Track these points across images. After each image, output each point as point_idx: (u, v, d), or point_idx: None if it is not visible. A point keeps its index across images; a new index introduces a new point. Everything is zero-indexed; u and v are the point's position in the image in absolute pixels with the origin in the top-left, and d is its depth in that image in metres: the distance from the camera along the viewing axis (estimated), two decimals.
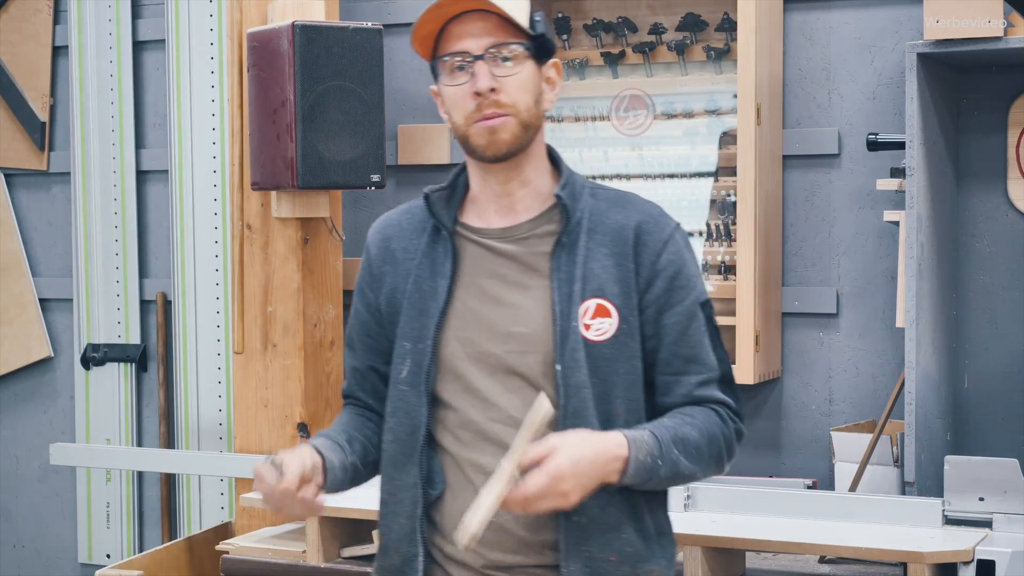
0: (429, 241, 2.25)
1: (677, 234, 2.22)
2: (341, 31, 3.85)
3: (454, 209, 2.25)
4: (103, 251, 4.76)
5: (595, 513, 2.13)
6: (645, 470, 2.08)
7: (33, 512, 5.03)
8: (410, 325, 2.21)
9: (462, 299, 2.20)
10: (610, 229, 2.19)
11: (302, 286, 4.07)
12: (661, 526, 2.23)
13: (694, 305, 2.20)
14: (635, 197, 2.27)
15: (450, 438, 2.19)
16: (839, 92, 3.87)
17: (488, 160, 2.18)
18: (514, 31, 2.16)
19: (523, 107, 2.16)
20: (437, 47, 2.18)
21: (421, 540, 2.18)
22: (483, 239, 2.22)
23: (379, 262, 2.29)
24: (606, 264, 2.17)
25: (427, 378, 2.19)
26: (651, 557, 2.19)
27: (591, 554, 2.14)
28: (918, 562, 3.04)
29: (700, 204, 3.92)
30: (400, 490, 2.21)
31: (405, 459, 2.20)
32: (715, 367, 2.21)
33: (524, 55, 2.16)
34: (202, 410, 4.53)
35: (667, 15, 3.98)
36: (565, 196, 2.19)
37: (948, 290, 3.66)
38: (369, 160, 3.90)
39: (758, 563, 3.43)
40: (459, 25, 2.15)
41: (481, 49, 2.14)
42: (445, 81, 2.18)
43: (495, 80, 2.13)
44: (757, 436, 3.96)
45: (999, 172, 3.70)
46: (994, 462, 3.20)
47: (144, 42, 4.75)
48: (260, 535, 3.89)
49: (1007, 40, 3.30)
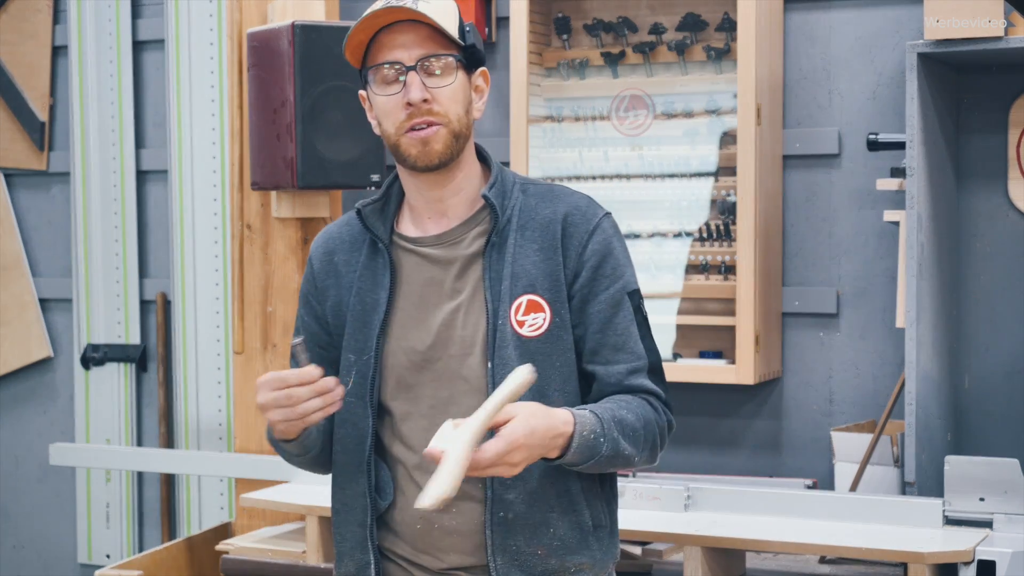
0: (368, 254, 2.27)
1: (605, 223, 2.24)
2: (341, 31, 3.85)
3: (389, 220, 2.28)
4: (103, 251, 4.76)
5: (521, 509, 2.16)
6: (587, 447, 2.07)
7: (33, 512, 5.03)
8: (354, 338, 2.24)
9: (403, 309, 2.23)
10: (539, 224, 2.22)
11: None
12: (599, 519, 2.24)
13: (620, 294, 2.22)
14: (564, 190, 2.28)
15: (400, 446, 2.22)
16: (839, 92, 3.87)
17: (420, 169, 2.20)
18: (445, 42, 2.18)
19: (454, 117, 2.18)
20: (368, 55, 2.21)
21: (372, 548, 2.22)
22: (418, 247, 2.24)
23: (323, 276, 2.31)
24: (536, 259, 2.20)
25: (372, 388, 2.22)
26: (582, 550, 2.21)
27: (518, 548, 2.17)
28: (918, 562, 3.04)
29: (700, 204, 3.92)
30: (351, 499, 2.24)
31: (354, 469, 2.23)
32: (643, 356, 2.22)
33: (455, 66, 2.19)
34: (202, 410, 4.53)
35: (667, 15, 3.98)
36: (492, 196, 2.21)
37: (948, 290, 3.66)
38: (369, 160, 3.90)
39: (758, 563, 3.43)
40: (390, 35, 2.17)
41: (413, 60, 2.16)
42: (376, 90, 2.20)
43: (427, 91, 2.16)
44: (757, 436, 3.96)
45: (999, 172, 3.69)
46: (994, 462, 3.20)
47: (144, 42, 4.75)
48: (260, 535, 3.89)
49: (1007, 40, 3.30)
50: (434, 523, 2.18)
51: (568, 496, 2.19)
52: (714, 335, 3.89)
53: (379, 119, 2.22)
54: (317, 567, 3.61)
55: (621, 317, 2.21)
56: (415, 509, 2.10)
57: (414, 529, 2.20)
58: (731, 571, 3.36)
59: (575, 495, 2.20)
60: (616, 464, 2.15)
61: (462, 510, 2.18)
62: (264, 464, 4.05)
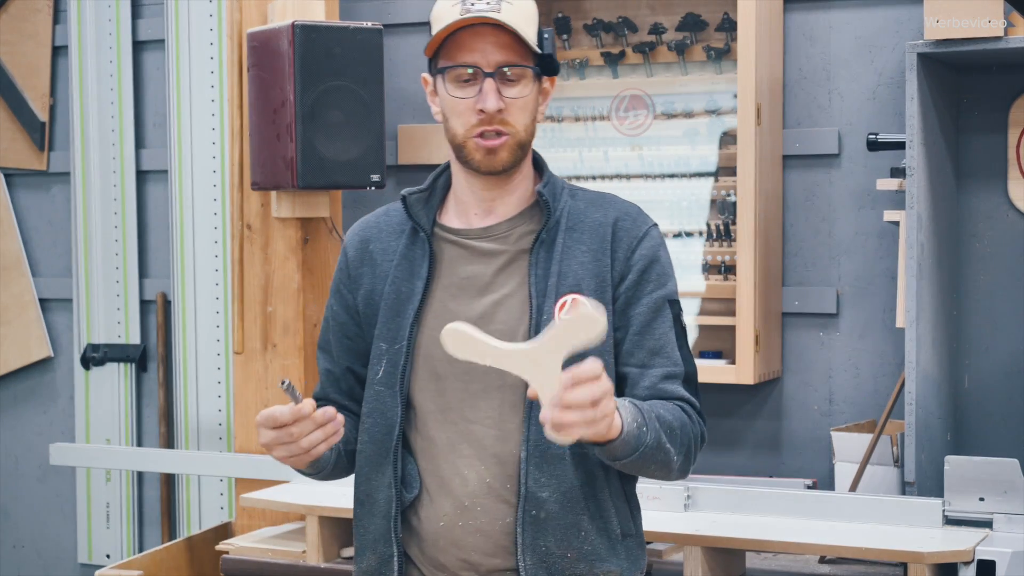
0: (407, 243, 2.26)
1: (654, 231, 2.26)
2: (341, 31, 3.85)
3: (432, 210, 2.27)
4: (103, 251, 4.76)
5: (553, 509, 2.14)
6: (633, 436, 2.03)
7: (33, 512, 5.03)
8: (387, 326, 2.22)
9: (439, 300, 2.21)
10: (588, 227, 2.22)
11: (302, 286, 4.07)
12: (627, 528, 2.22)
13: (662, 300, 2.21)
14: (614, 197, 2.30)
15: (426, 440, 2.20)
16: (839, 92, 3.87)
17: (483, 173, 2.20)
18: (523, 51, 2.17)
19: (523, 127, 2.19)
20: (443, 49, 2.18)
21: (396, 540, 2.20)
22: (462, 239, 2.23)
23: (357, 264, 2.30)
24: (584, 260, 2.19)
25: (402, 379, 2.20)
26: (611, 557, 2.18)
27: (548, 550, 2.14)
28: (918, 562, 3.04)
29: (700, 204, 3.92)
30: (376, 490, 2.22)
31: (380, 459, 2.21)
32: (680, 363, 2.21)
33: (531, 77, 2.18)
34: (202, 410, 4.53)
35: (667, 15, 3.98)
36: (547, 193, 2.22)
37: (948, 290, 3.66)
38: (369, 160, 3.90)
39: (758, 563, 3.43)
40: (472, 36, 2.15)
41: (492, 67, 2.15)
42: (450, 89, 2.18)
43: (502, 100, 2.15)
44: (757, 436, 3.96)
45: (999, 172, 3.69)
46: (994, 462, 3.20)
47: (144, 42, 4.75)
48: (260, 535, 3.89)
49: (1007, 40, 3.30)
50: (458, 520, 2.16)
51: (596, 502, 2.17)
52: (714, 335, 3.89)
53: (446, 115, 2.20)
54: (317, 567, 3.61)
55: (660, 322, 2.20)
56: (439, 505, 2.14)
57: (437, 526, 2.18)
58: (731, 571, 3.35)
59: (603, 501, 2.18)
60: (658, 459, 2.10)
61: (488, 509, 2.16)
62: (264, 464, 4.04)
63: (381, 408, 2.21)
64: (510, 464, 2.16)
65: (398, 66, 4.37)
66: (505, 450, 2.16)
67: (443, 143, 4.59)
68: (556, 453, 2.14)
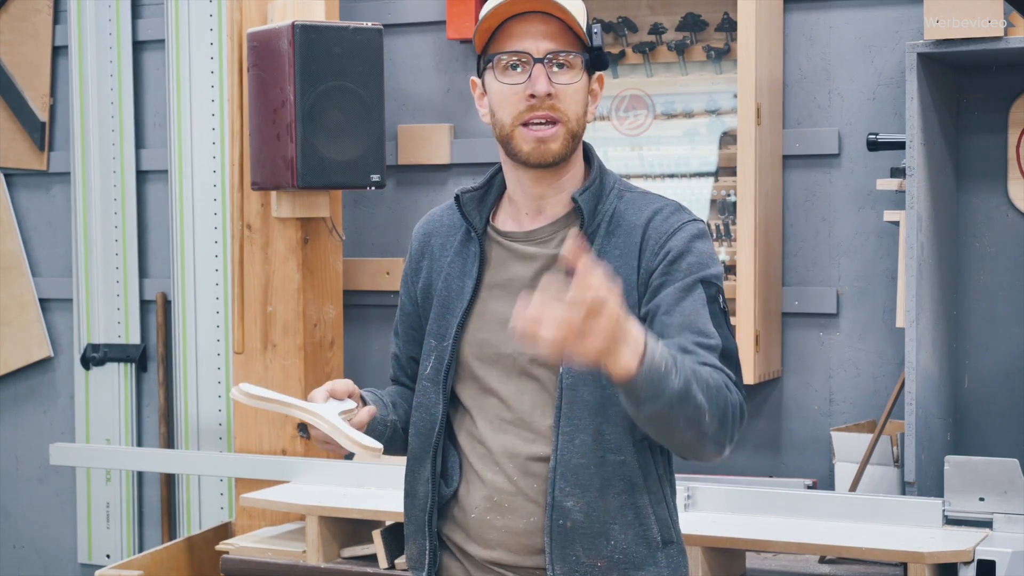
0: (462, 241, 2.27)
1: (689, 227, 2.16)
2: (341, 31, 3.85)
3: (486, 210, 2.26)
4: (103, 251, 4.76)
5: (579, 518, 2.13)
6: (657, 375, 1.86)
7: (33, 512, 5.03)
8: (436, 323, 2.25)
9: (484, 300, 2.22)
10: (624, 229, 2.18)
11: (302, 286, 4.07)
12: (667, 535, 2.19)
13: (693, 282, 2.11)
14: (657, 196, 2.24)
15: (466, 436, 2.23)
16: (839, 92, 3.87)
17: (532, 165, 2.17)
18: (573, 40, 2.15)
19: (574, 117, 2.16)
20: (491, 42, 2.17)
21: (431, 533, 2.23)
22: (508, 242, 2.23)
23: (418, 256, 2.32)
24: (616, 264, 2.15)
25: (446, 376, 2.22)
26: (648, 565, 2.16)
27: (577, 559, 2.14)
28: (918, 562, 3.04)
29: (700, 204, 3.92)
30: (417, 483, 2.25)
31: (423, 454, 2.24)
32: (714, 336, 2.07)
33: (581, 65, 2.16)
34: (202, 410, 4.53)
35: (667, 15, 3.98)
36: (582, 200, 2.18)
37: (948, 290, 3.66)
38: (369, 160, 3.90)
39: (758, 563, 3.43)
40: (520, 24, 2.14)
41: (541, 53, 2.13)
42: (499, 77, 2.16)
43: (552, 85, 2.13)
44: (757, 436, 3.96)
45: (999, 172, 3.69)
46: (994, 462, 3.20)
47: (144, 42, 4.75)
48: (260, 535, 3.89)
49: (1007, 40, 3.29)
50: (486, 515, 2.18)
51: (635, 509, 2.14)
52: None
53: (493, 108, 2.18)
54: (317, 567, 3.61)
55: (691, 300, 2.09)
56: (475, 498, 2.17)
57: (470, 517, 2.20)
58: (731, 571, 3.36)
59: (642, 508, 2.15)
60: (687, 413, 1.92)
61: (516, 507, 2.16)
62: (264, 464, 4.05)
63: (426, 404, 2.25)
64: (540, 468, 2.16)
65: (398, 66, 4.37)
66: (535, 453, 2.17)
67: (443, 143, 4.62)
68: (580, 462, 2.13)
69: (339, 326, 4.18)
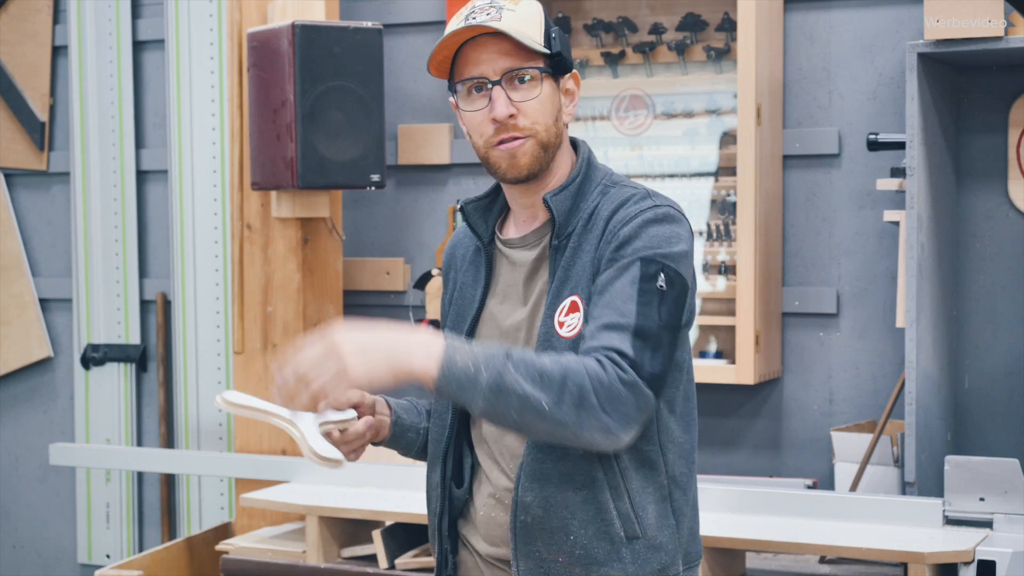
0: (475, 250, 2.32)
1: (647, 213, 2.13)
2: (341, 31, 3.85)
3: (492, 220, 2.30)
4: (103, 251, 4.76)
5: (538, 513, 2.15)
6: (463, 375, 1.95)
7: (33, 512, 5.03)
8: (451, 330, 2.30)
9: (489, 308, 2.27)
10: (598, 223, 2.18)
11: (302, 286, 4.07)
12: (632, 531, 2.15)
13: (631, 261, 2.08)
14: (632, 188, 2.22)
15: (478, 437, 2.26)
16: (839, 92, 3.87)
17: (509, 181, 2.20)
18: (529, 53, 2.16)
19: (542, 128, 2.17)
20: (454, 68, 2.20)
21: (440, 537, 2.29)
22: (507, 249, 2.27)
23: (447, 267, 2.39)
24: (587, 260, 2.17)
25: None
26: (610, 561, 2.14)
27: (540, 554, 2.16)
28: (918, 562, 3.04)
29: (700, 204, 3.92)
30: (431, 487, 2.31)
31: (436, 459, 2.29)
32: (628, 315, 2.04)
33: (540, 76, 2.17)
34: (202, 410, 4.53)
35: (667, 15, 3.98)
36: (553, 201, 2.18)
37: (948, 290, 3.66)
38: (369, 160, 3.90)
39: (758, 563, 3.43)
40: (474, 49, 2.16)
41: (497, 74, 2.14)
42: (463, 105, 2.19)
43: (512, 105, 2.14)
44: (757, 436, 3.96)
45: (999, 172, 3.69)
46: (994, 462, 3.20)
47: (144, 42, 4.75)
48: (260, 535, 3.89)
49: (1007, 40, 3.30)
50: (491, 512, 2.22)
51: (595, 504, 2.14)
52: (714, 335, 3.89)
53: (469, 132, 2.22)
54: (317, 567, 3.61)
55: (622, 280, 2.07)
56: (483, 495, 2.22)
57: (479, 515, 2.25)
58: (731, 571, 3.36)
59: (603, 503, 2.14)
60: (512, 404, 1.96)
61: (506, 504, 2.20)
62: (264, 464, 4.05)
63: (440, 410, 2.29)
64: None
65: (398, 66, 4.37)
66: (520, 453, 2.20)
67: (443, 143, 4.62)
68: (539, 457, 2.14)
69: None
